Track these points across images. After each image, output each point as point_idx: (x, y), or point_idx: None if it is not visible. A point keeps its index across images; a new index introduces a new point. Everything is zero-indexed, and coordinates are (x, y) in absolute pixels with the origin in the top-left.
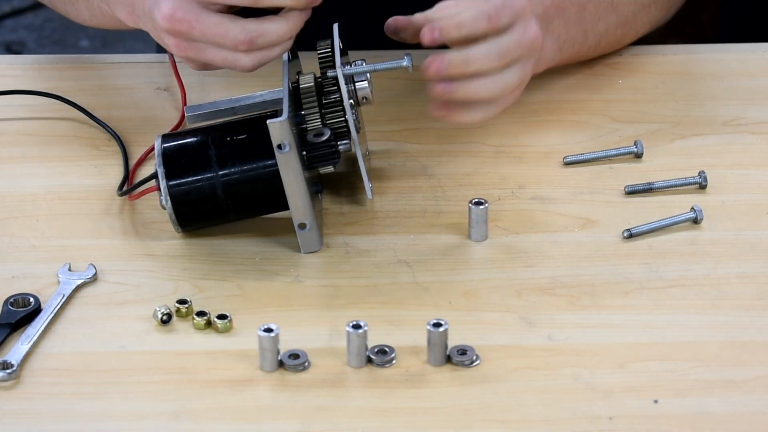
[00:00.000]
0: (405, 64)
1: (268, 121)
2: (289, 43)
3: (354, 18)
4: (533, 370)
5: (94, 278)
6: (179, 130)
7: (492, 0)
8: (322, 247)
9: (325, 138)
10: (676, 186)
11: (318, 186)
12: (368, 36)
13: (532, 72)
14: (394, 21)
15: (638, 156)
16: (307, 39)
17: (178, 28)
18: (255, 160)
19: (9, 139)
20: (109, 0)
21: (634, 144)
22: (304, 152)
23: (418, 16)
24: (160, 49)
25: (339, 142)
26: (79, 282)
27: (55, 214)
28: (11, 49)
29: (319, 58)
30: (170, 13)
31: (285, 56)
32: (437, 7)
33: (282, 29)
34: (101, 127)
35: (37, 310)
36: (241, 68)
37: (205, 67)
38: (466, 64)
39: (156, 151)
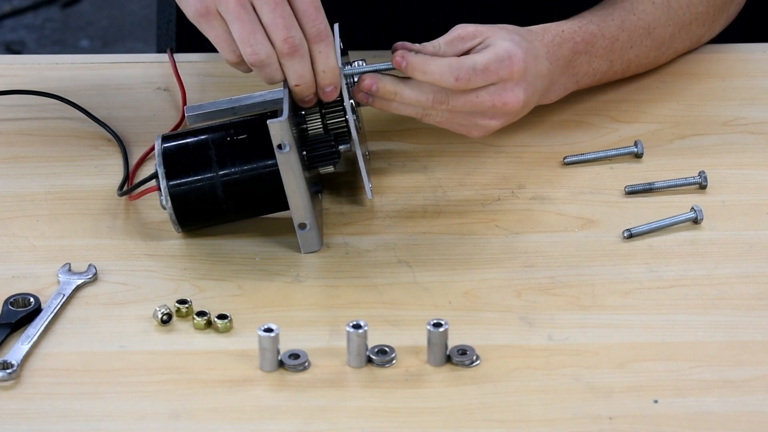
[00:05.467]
0: (385, 66)
1: (268, 121)
2: (303, 89)
3: (354, 18)
4: (533, 370)
5: (94, 278)
6: (179, 130)
7: (476, 60)
8: (322, 247)
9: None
10: (676, 186)
11: (318, 186)
12: (368, 36)
13: (497, 125)
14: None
15: (638, 156)
16: None
17: None
18: (255, 160)
19: (9, 139)
20: None
21: (634, 144)
22: (304, 152)
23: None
24: (160, 49)
25: (339, 142)
26: (79, 282)
27: (55, 214)
28: (11, 49)
29: None
30: None
31: None
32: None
33: (308, 74)
34: (101, 127)
35: (37, 310)
36: (251, 54)
37: (217, 31)
38: (396, 94)
39: (156, 151)
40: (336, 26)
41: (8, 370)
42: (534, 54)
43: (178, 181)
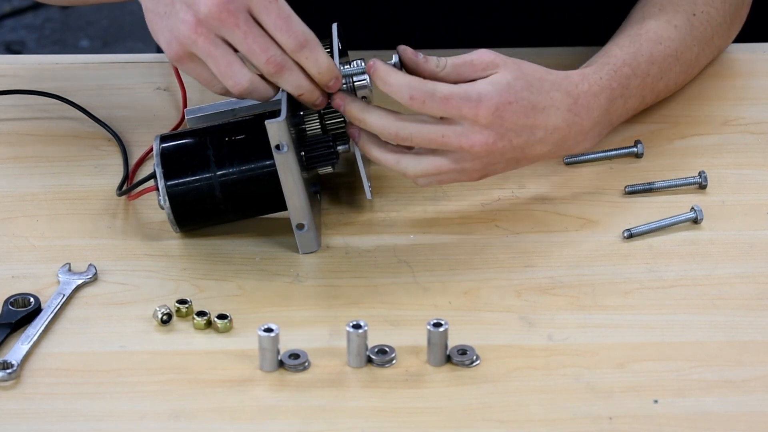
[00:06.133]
0: (393, 62)
1: (266, 122)
2: (308, 96)
3: (354, 18)
4: (533, 370)
5: (94, 278)
6: (178, 130)
7: (438, 87)
8: (321, 247)
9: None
10: (676, 186)
11: (316, 186)
12: (368, 36)
13: (474, 174)
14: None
15: (638, 156)
16: None
17: (225, 20)
18: (253, 160)
19: (9, 139)
20: None
21: (634, 144)
22: (303, 153)
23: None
24: (160, 49)
25: (337, 143)
26: (79, 282)
27: (55, 214)
28: (11, 49)
29: None
30: (225, 1)
31: None
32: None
33: (305, 82)
34: (101, 127)
35: (37, 310)
36: (234, 85)
37: (197, 71)
38: (361, 120)
39: (154, 151)
40: (334, 26)
41: (8, 370)
42: (529, 105)
43: (176, 181)
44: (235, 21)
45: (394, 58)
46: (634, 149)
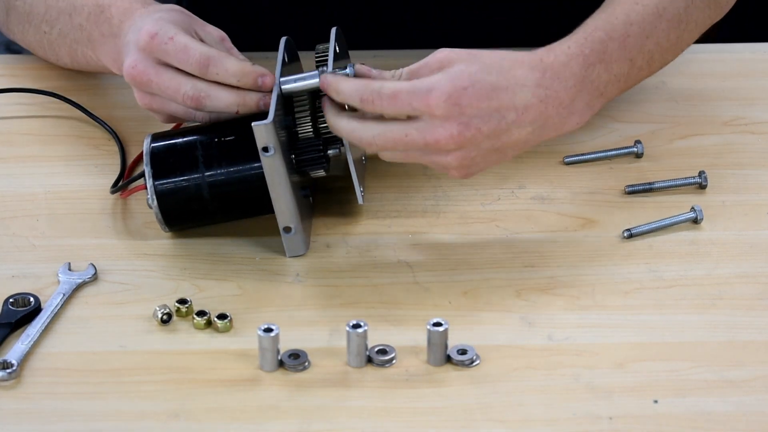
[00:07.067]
0: (347, 71)
1: (252, 124)
2: (244, 108)
3: (356, 19)
4: (533, 370)
5: (94, 278)
6: (169, 130)
7: (385, 85)
8: (308, 251)
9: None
10: (676, 186)
11: (306, 190)
12: (370, 37)
13: (455, 161)
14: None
15: (638, 156)
16: (309, 40)
17: (139, 80)
18: (241, 162)
19: (9, 138)
20: (95, 48)
21: (634, 144)
22: (293, 155)
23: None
24: None
25: (328, 147)
26: (79, 282)
27: (55, 213)
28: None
29: (317, 62)
30: (132, 64)
31: (280, 58)
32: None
33: (228, 99)
34: (101, 127)
35: (37, 310)
36: (200, 121)
37: (170, 119)
38: (333, 126)
39: (144, 150)
40: (334, 30)
41: (8, 370)
42: (488, 86)
43: (165, 181)
44: (146, 78)
45: (349, 68)
46: (634, 149)
